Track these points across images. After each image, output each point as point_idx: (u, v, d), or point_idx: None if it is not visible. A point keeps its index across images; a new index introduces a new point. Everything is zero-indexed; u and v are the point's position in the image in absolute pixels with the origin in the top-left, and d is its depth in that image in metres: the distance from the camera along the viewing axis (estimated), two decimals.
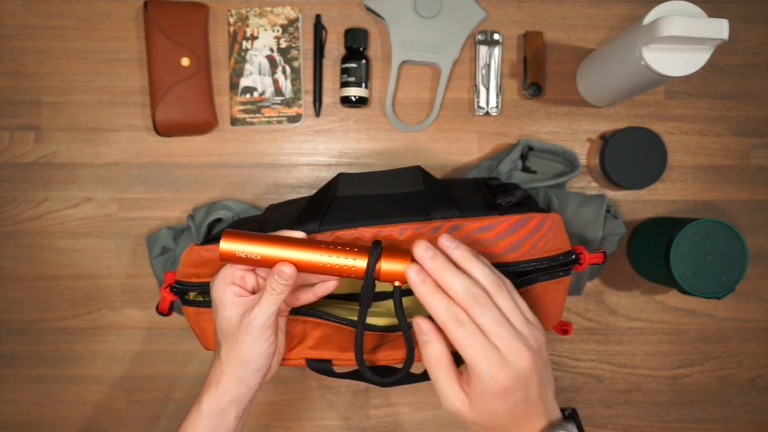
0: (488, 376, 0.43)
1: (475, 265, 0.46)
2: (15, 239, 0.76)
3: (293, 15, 0.76)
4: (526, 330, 0.45)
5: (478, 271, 0.46)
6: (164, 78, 0.73)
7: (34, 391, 0.77)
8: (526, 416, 0.45)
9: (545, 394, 0.46)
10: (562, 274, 0.55)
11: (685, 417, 0.79)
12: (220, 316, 0.51)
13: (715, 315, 0.78)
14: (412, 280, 0.45)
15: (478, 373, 0.44)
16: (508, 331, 0.44)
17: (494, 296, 0.45)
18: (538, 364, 0.44)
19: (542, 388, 0.45)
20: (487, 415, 0.45)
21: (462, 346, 0.44)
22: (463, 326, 0.44)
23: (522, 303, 0.47)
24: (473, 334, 0.43)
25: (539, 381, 0.45)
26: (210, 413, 0.52)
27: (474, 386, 0.44)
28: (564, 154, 0.74)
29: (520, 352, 0.44)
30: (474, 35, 0.77)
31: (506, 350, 0.44)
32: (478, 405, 0.45)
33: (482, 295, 0.44)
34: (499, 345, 0.44)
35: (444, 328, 0.44)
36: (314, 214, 0.55)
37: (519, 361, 0.44)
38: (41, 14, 0.76)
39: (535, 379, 0.44)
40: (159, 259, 0.72)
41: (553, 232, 0.54)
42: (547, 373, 0.46)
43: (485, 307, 0.44)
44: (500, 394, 0.44)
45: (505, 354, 0.43)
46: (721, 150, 0.78)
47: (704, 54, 0.59)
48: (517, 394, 0.44)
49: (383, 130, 0.77)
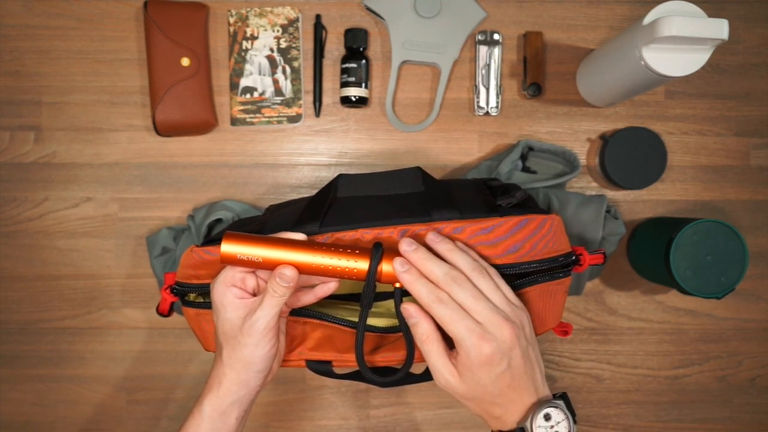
0: (471, 346, 0.47)
1: (457, 254, 0.50)
2: (15, 239, 0.76)
3: (293, 15, 0.76)
4: (506, 308, 0.49)
5: (460, 259, 0.50)
6: (164, 78, 0.73)
7: (34, 391, 0.77)
8: (513, 389, 0.48)
9: (532, 372, 0.49)
10: (562, 275, 0.55)
11: (685, 417, 0.79)
12: (222, 318, 0.51)
13: (715, 315, 0.78)
14: (398, 270, 0.49)
15: (462, 345, 0.47)
16: (488, 306, 0.48)
17: (474, 279, 0.49)
18: (519, 336, 0.48)
19: (528, 364, 0.49)
20: (475, 387, 0.48)
21: (446, 323, 0.47)
22: (445, 304, 0.47)
23: (505, 287, 0.50)
24: (455, 310, 0.47)
25: (522, 354, 0.48)
26: (211, 415, 0.52)
27: (461, 359, 0.48)
28: (564, 154, 0.74)
29: (500, 323, 0.47)
30: (474, 35, 0.77)
31: (487, 323, 0.47)
32: (467, 377, 0.48)
33: (461, 277, 0.48)
34: (480, 319, 0.47)
35: (428, 309, 0.48)
36: (314, 216, 0.55)
37: (499, 331, 0.47)
38: (41, 14, 0.76)
39: (517, 350, 0.48)
40: (159, 260, 0.72)
41: (553, 234, 0.54)
42: (532, 351, 0.50)
43: (464, 286, 0.48)
44: (484, 363, 0.47)
45: (486, 327, 0.47)
46: (721, 150, 0.78)
47: (704, 54, 0.59)
48: (500, 363, 0.47)
49: (383, 130, 0.77)
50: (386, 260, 0.49)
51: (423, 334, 0.49)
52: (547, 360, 0.78)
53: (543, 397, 0.50)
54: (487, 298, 0.48)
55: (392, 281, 0.49)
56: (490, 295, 0.49)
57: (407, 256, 0.49)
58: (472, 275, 0.49)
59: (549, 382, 0.78)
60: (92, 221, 0.76)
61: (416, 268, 0.49)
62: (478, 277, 0.49)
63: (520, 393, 0.49)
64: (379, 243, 0.49)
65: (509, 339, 0.47)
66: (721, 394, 0.79)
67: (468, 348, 0.47)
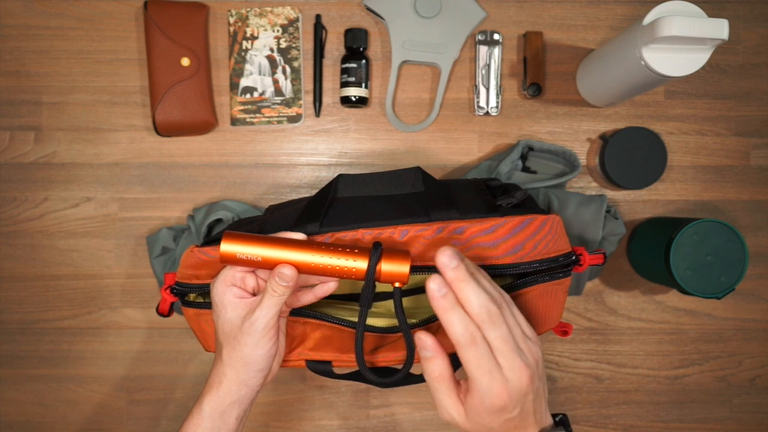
0: (489, 394, 0.44)
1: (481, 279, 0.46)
2: (15, 239, 0.76)
3: (293, 15, 0.76)
4: (525, 346, 0.46)
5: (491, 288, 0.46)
6: (164, 78, 0.73)
7: (34, 391, 0.77)
8: (519, 428, 0.47)
9: (539, 406, 0.47)
10: (562, 275, 0.55)
11: (685, 417, 0.79)
12: (222, 318, 0.51)
13: (715, 315, 0.78)
14: (433, 293, 0.44)
15: (479, 389, 0.44)
16: (513, 348, 0.44)
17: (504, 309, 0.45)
18: (535, 381, 0.45)
19: (537, 403, 0.47)
20: (481, 428, 0.46)
21: (471, 366, 0.44)
22: (477, 347, 0.44)
23: (521, 318, 0.48)
24: (484, 356, 0.44)
25: (534, 397, 0.46)
26: (211, 415, 0.52)
27: (473, 400, 0.45)
28: (564, 154, 0.74)
29: (521, 370, 0.44)
30: (474, 35, 0.77)
31: (507, 368, 0.44)
32: (474, 418, 0.46)
33: (497, 314, 0.44)
34: (502, 362, 0.44)
35: (457, 346, 0.44)
36: (314, 216, 0.55)
37: (519, 379, 0.44)
38: (41, 14, 0.76)
39: (530, 396, 0.46)
40: (159, 260, 0.72)
41: (553, 234, 0.54)
42: (542, 386, 0.48)
43: (497, 325, 0.44)
44: (497, 411, 0.45)
45: (505, 371, 0.44)
46: (721, 150, 0.78)
47: (704, 54, 0.59)
48: (513, 410, 0.45)
49: (383, 130, 0.77)
50: (386, 260, 0.49)
51: (435, 371, 0.46)
52: (547, 360, 0.78)
53: (544, 428, 0.48)
54: (514, 339, 0.45)
55: (391, 281, 0.49)
56: (512, 331, 0.45)
57: (445, 272, 0.44)
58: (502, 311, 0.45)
59: (549, 383, 0.78)
60: (92, 221, 0.76)
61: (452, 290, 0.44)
62: (504, 309, 0.45)
63: (526, 426, 0.47)
64: (379, 242, 0.49)
65: (526, 386, 0.45)
66: (721, 394, 0.79)
67: (484, 395, 0.44)
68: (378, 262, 0.49)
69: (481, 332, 0.44)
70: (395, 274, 0.48)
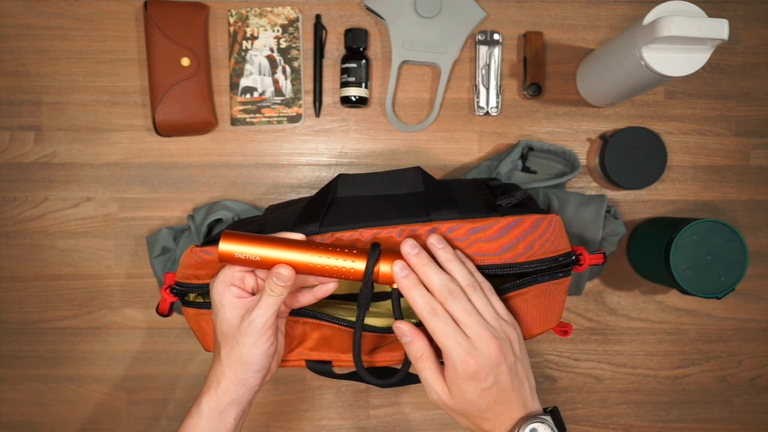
0: (459, 360, 0.48)
1: (455, 265, 0.51)
2: (15, 239, 0.76)
3: (293, 15, 0.76)
4: (496, 324, 0.50)
5: (457, 271, 0.50)
6: (164, 78, 0.73)
7: (34, 391, 0.77)
8: (501, 404, 0.49)
9: (520, 387, 0.50)
10: (562, 275, 0.55)
11: (685, 417, 0.79)
12: (220, 317, 0.51)
13: (715, 315, 0.78)
14: (397, 275, 0.49)
15: (450, 358, 0.48)
16: (477, 322, 0.49)
17: (469, 293, 0.50)
18: (506, 352, 0.49)
19: (515, 379, 0.49)
20: (463, 401, 0.49)
21: (437, 335, 0.48)
22: (438, 317, 0.48)
23: (497, 303, 0.51)
24: (447, 324, 0.48)
25: (509, 370, 0.49)
26: (210, 415, 0.52)
27: (448, 372, 0.49)
28: (564, 154, 0.74)
29: (488, 339, 0.48)
30: (474, 35, 0.77)
31: (475, 338, 0.48)
32: (455, 391, 0.49)
33: (457, 290, 0.49)
34: (469, 334, 0.48)
35: (422, 319, 0.49)
36: (314, 216, 0.55)
37: (486, 347, 0.48)
38: (41, 14, 0.76)
39: (503, 367, 0.48)
40: (159, 260, 0.72)
41: (552, 233, 0.54)
42: (521, 367, 0.50)
43: (458, 300, 0.49)
44: (470, 377, 0.48)
45: (474, 342, 0.48)
46: (721, 150, 0.78)
47: (704, 54, 0.59)
48: (486, 379, 0.48)
49: (383, 130, 0.77)
50: (384, 261, 0.49)
51: (417, 351, 0.50)
52: (547, 360, 0.78)
53: (531, 412, 0.50)
54: (479, 314, 0.49)
55: (390, 282, 0.49)
56: (482, 310, 0.50)
57: (408, 258, 0.50)
58: (467, 289, 0.50)
59: (549, 382, 0.78)
60: (92, 221, 0.76)
61: (415, 273, 0.50)
62: (472, 291, 0.50)
63: (508, 408, 0.49)
64: (377, 243, 0.49)
65: (495, 355, 0.48)
66: (721, 394, 0.79)
67: (455, 362, 0.48)
68: (376, 263, 0.49)
69: (443, 306, 0.49)
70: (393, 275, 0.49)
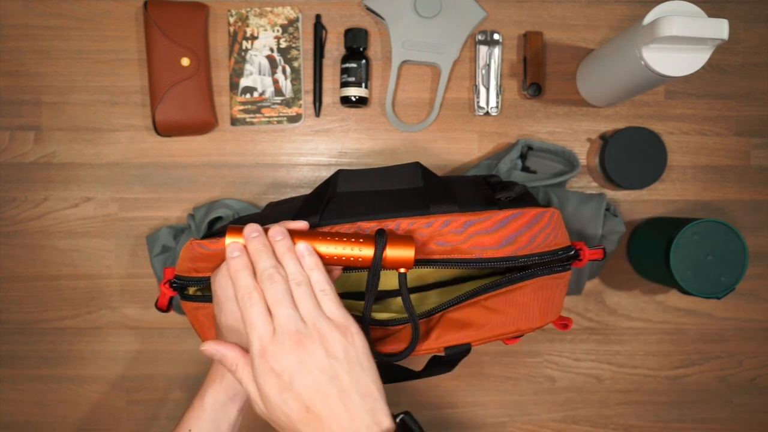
0: (256, 352, 0.44)
1: (288, 258, 0.47)
2: (15, 239, 0.76)
3: (293, 15, 0.76)
4: (311, 318, 0.45)
5: (289, 264, 0.47)
6: (164, 78, 0.73)
7: (34, 391, 0.77)
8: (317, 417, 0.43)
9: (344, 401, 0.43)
10: (561, 269, 0.55)
11: (685, 417, 0.79)
12: (225, 310, 0.51)
13: (715, 315, 0.78)
14: (229, 254, 0.48)
15: (251, 350, 0.44)
16: (286, 313, 0.45)
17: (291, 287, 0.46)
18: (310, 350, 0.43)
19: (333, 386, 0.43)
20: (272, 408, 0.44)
21: (246, 324, 0.45)
22: (253, 303, 0.45)
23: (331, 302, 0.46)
24: (257, 314, 0.45)
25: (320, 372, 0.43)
26: (213, 407, 0.52)
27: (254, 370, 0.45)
28: (563, 154, 0.75)
29: (288, 332, 0.44)
30: (474, 35, 0.77)
31: (278, 331, 0.44)
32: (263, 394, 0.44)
33: (278, 277, 0.46)
34: (275, 324, 0.45)
35: (239, 302, 0.46)
36: (314, 209, 0.55)
37: (284, 340, 0.44)
38: (41, 14, 0.76)
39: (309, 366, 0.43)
40: (159, 258, 0.72)
41: (551, 227, 0.54)
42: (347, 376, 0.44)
43: (274, 286, 0.46)
44: (266, 372, 0.44)
45: (277, 335, 0.44)
46: (721, 150, 0.78)
47: (704, 54, 0.59)
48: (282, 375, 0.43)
49: (383, 130, 0.77)
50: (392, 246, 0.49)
51: (231, 362, 0.47)
52: (547, 360, 0.78)
53: None
54: (293, 306, 0.45)
55: (397, 266, 0.50)
56: (299, 303, 0.45)
57: (246, 241, 0.48)
58: (291, 283, 0.46)
59: (549, 383, 0.78)
60: (92, 221, 0.76)
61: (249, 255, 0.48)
62: (295, 286, 0.46)
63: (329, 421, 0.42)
64: (382, 229, 0.50)
65: (292, 350, 0.43)
66: (721, 394, 0.79)
67: (254, 354, 0.44)
68: (383, 249, 0.49)
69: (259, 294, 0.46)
70: (401, 259, 0.49)
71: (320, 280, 0.47)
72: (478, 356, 0.77)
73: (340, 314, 0.46)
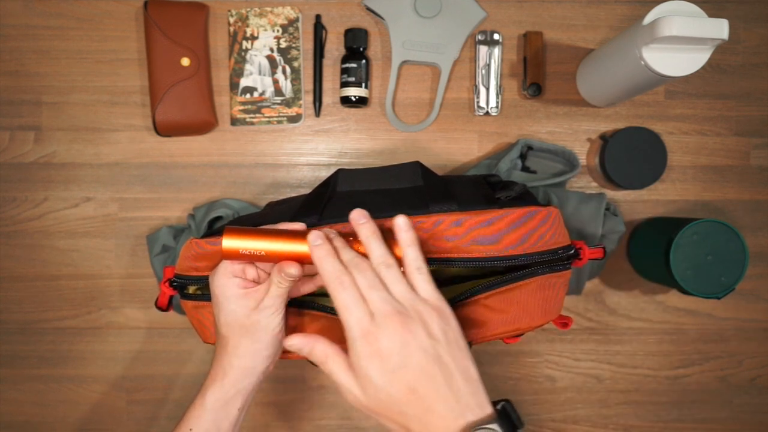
0: (358, 336, 0.43)
1: (373, 241, 0.47)
2: (15, 239, 0.76)
3: (293, 15, 0.76)
4: (408, 301, 0.45)
5: (375, 247, 0.47)
6: (164, 78, 0.73)
7: (34, 391, 0.77)
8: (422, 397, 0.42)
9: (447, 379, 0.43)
10: (562, 268, 0.55)
11: (685, 417, 0.78)
12: (225, 310, 0.51)
13: (715, 315, 0.78)
14: (311, 243, 0.46)
15: (350, 335, 0.44)
16: (381, 296, 0.44)
17: (381, 270, 0.46)
18: (413, 330, 0.43)
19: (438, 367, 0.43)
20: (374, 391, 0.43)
21: (340, 309, 0.44)
22: (345, 288, 0.44)
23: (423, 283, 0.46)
24: (351, 296, 0.44)
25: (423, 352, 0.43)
26: (214, 406, 0.52)
27: (352, 357, 0.44)
28: (563, 154, 0.75)
29: (388, 314, 0.43)
30: (474, 35, 0.77)
31: (377, 313, 0.44)
32: (363, 380, 0.43)
33: (366, 265, 0.46)
34: (372, 309, 0.44)
35: (328, 289, 0.45)
36: (313, 209, 0.55)
37: (386, 323, 0.43)
38: (41, 14, 0.76)
39: (412, 347, 0.43)
40: (159, 258, 0.72)
41: (551, 225, 0.55)
42: (447, 355, 0.43)
43: (363, 273, 0.45)
44: (372, 355, 0.43)
45: (376, 318, 0.43)
46: (721, 150, 0.78)
47: (704, 54, 0.59)
48: (390, 359, 0.43)
49: (383, 130, 0.77)
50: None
51: (321, 354, 0.46)
52: (547, 360, 0.78)
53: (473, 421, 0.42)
54: (386, 289, 0.45)
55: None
56: (391, 286, 0.45)
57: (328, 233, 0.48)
58: (380, 266, 0.46)
59: (549, 383, 0.78)
60: (92, 221, 0.76)
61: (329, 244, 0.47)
62: (384, 268, 0.46)
63: (433, 404, 0.42)
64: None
65: (397, 332, 0.43)
66: (721, 394, 0.79)
67: (354, 339, 0.43)
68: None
69: (350, 277, 0.45)
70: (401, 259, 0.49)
71: (417, 258, 0.47)
72: (477, 356, 0.77)
73: (435, 295, 0.46)
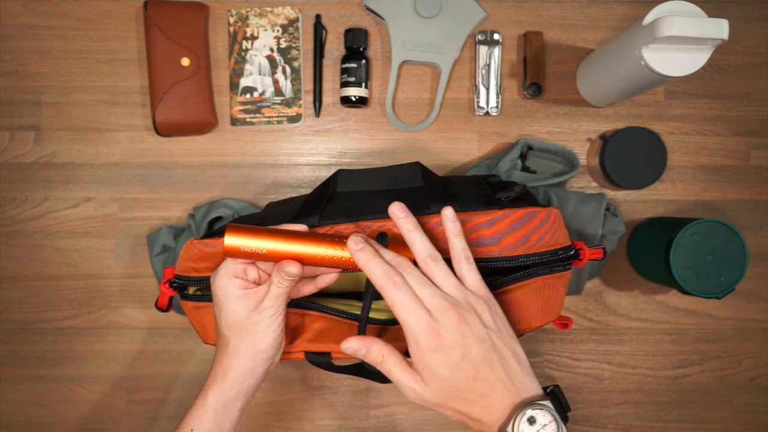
0: (420, 333, 0.45)
1: (416, 235, 0.48)
2: (15, 239, 0.76)
3: (293, 15, 0.76)
4: (458, 294, 0.47)
5: (418, 242, 0.48)
6: (164, 78, 0.73)
7: (34, 391, 0.77)
8: (482, 382, 0.45)
9: (504, 364, 0.46)
10: (562, 269, 0.55)
11: (685, 417, 0.79)
12: (226, 310, 0.51)
13: (715, 315, 0.78)
14: (352, 248, 0.47)
15: (411, 333, 0.45)
16: (433, 292, 0.46)
17: (427, 265, 0.47)
18: (470, 321, 0.45)
19: (494, 354, 0.46)
20: (438, 384, 0.45)
21: (396, 308, 0.46)
22: (398, 288, 0.46)
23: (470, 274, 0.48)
24: (407, 295, 0.46)
25: (480, 341, 0.45)
26: (215, 407, 0.52)
27: (414, 353, 0.46)
28: (563, 154, 0.75)
29: (445, 308, 0.45)
30: (474, 35, 0.77)
31: (433, 309, 0.46)
32: (426, 374, 0.46)
33: (407, 262, 0.47)
34: (428, 305, 0.46)
35: (380, 290, 0.46)
36: (314, 210, 0.55)
37: (445, 317, 0.45)
38: (41, 14, 0.76)
39: (471, 338, 0.45)
40: (159, 258, 0.72)
41: (551, 226, 0.55)
42: (500, 342, 0.46)
43: (410, 271, 0.47)
44: (435, 349, 0.45)
45: (433, 314, 0.45)
46: (721, 150, 0.78)
47: (704, 54, 0.59)
48: (453, 351, 0.45)
49: (383, 130, 0.77)
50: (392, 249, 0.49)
51: (378, 355, 0.47)
52: (547, 360, 0.78)
53: (528, 398, 0.46)
54: (435, 285, 0.47)
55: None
56: (440, 281, 0.47)
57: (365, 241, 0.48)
58: (426, 260, 0.47)
59: (548, 383, 0.78)
60: (92, 221, 0.76)
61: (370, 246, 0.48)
62: (431, 262, 0.47)
63: (493, 387, 0.45)
64: (384, 233, 0.50)
65: (457, 324, 0.45)
66: (721, 394, 0.79)
67: (416, 336, 0.45)
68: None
69: (401, 277, 0.46)
70: None
71: (465, 248, 0.49)
72: None
73: (481, 285, 0.48)
